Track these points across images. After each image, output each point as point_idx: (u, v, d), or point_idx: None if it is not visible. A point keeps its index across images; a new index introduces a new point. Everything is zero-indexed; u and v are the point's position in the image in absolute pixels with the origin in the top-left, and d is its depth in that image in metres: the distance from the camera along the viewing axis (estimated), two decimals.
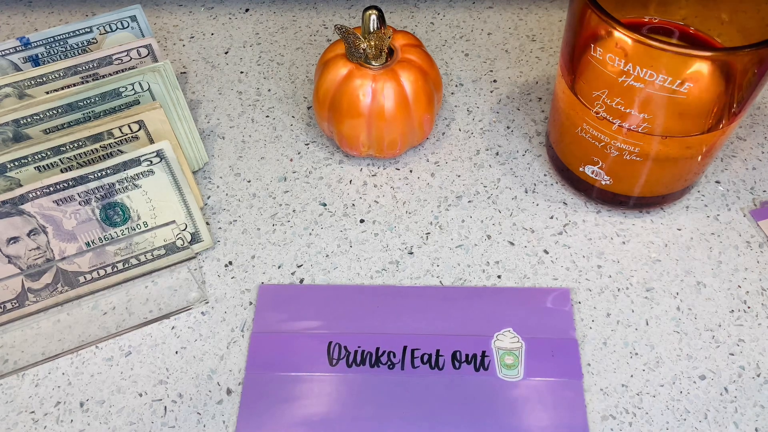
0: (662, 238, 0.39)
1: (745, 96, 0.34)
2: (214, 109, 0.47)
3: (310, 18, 0.54)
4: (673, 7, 0.39)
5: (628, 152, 0.36)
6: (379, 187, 0.43)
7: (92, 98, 0.39)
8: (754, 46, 0.30)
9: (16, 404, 0.34)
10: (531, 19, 0.53)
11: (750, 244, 0.39)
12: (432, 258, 0.39)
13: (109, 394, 0.35)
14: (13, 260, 0.36)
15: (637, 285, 0.38)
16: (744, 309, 0.37)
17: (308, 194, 0.42)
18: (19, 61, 0.42)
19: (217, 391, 0.34)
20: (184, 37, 0.52)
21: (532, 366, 0.34)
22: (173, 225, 0.37)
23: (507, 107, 0.47)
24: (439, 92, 0.43)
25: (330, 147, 0.45)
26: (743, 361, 0.35)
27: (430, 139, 0.45)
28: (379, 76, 0.39)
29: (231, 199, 0.42)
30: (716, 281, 0.38)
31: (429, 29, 0.52)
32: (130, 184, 0.37)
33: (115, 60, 0.41)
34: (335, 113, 0.41)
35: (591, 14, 0.32)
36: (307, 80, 0.49)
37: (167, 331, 0.37)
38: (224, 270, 0.39)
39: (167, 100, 0.40)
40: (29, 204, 0.36)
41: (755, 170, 0.43)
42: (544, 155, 0.44)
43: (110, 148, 0.38)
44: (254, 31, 0.53)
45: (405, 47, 0.41)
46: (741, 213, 0.41)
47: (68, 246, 0.37)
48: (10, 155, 0.36)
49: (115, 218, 0.37)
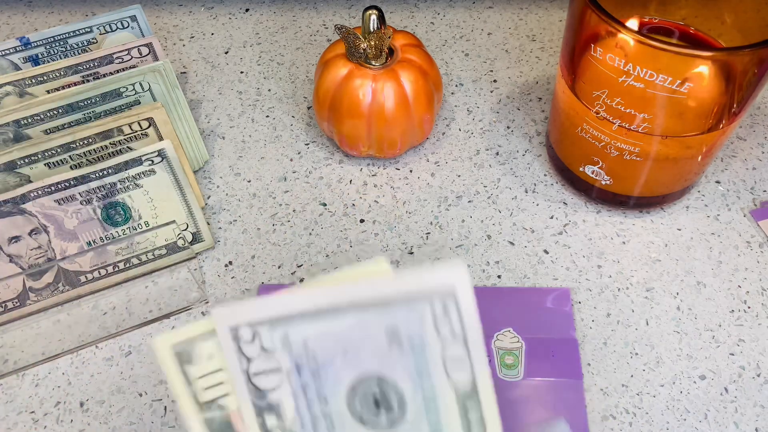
0: (662, 238, 0.39)
1: (745, 96, 0.34)
2: (214, 109, 0.47)
3: (310, 18, 0.54)
4: (673, 7, 0.39)
5: (628, 152, 0.36)
6: (379, 187, 0.43)
7: (93, 98, 0.39)
8: (754, 46, 0.30)
9: (16, 404, 0.34)
10: (531, 19, 0.53)
11: (750, 244, 0.39)
12: (432, 258, 0.39)
13: (109, 394, 0.35)
14: (15, 259, 0.36)
15: (637, 285, 0.38)
16: (744, 309, 0.37)
17: (308, 194, 0.42)
18: (19, 61, 0.42)
19: None
20: (184, 37, 0.52)
21: (532, 366, 0.34)
22: (174, 225, 0.37)
23: (507, 107, 0.47)
24: (439, 92, 0.43)
25: (330, 147, 0.45)
26: (743, 361, 0.35)
27: (430, 139, 0.45)
28: (379, 76, 0.39)
29: (231, 199, 0.42)
30: (716, 281, 0.38)
31: (429, 29, 0.52)
32: (132, 184, 0.37)
33: (116, 59, 0.41)
34: (335, 113, 0.41)
35: (591, 14, 0.32)
36: (307, 80, 0.49)
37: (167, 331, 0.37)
38: (224, 270, 0.39)
39: (167, 100, 0.40)
40: (30, 203, 0.36)
41: (755, 170, 0.43)
42: (544, 155, 0.44)
43: (119, 145, 0.38)
44: (254, 31, 0.53)
45: (405, 47, 0.41)
46: (741, 213, 0.41)
47: (69, 245, 0.37)
48: (20, 152, 0.37)
49: (117, 218, 0.37)
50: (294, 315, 0.18)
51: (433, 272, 0.17)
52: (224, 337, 0.18)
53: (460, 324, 0.18)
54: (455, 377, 0.18)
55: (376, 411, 0.18)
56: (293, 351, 0.18)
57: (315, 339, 0.18)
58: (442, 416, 0.18)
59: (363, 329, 0.18)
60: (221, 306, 0.17)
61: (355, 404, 0.18)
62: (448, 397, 0.18)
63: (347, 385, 0.18)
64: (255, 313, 0.18)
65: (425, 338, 0.18)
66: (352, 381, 0.18)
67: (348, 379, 0.18)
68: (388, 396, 0.18)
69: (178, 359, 0.21)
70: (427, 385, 0.18)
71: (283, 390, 0.18)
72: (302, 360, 0.18)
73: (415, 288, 0.17)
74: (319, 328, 0.18)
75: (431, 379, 0.18)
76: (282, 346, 0.18)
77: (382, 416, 0.18)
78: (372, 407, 0.18)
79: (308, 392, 0.18)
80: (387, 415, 0.18)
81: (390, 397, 0.18)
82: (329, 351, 0.18)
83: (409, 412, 0.18)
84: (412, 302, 0.18)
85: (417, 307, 0.18)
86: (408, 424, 0.18)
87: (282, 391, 0.18)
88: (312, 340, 0.18)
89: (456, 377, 0.18)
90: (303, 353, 0.18)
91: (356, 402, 0.18)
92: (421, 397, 0.18)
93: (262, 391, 0.18)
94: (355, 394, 0.18)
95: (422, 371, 0.18)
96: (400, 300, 0.17)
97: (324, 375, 0.18)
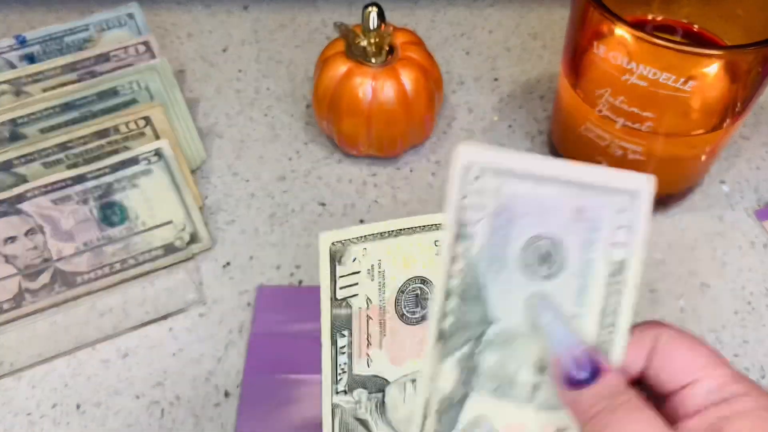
0: (666, 239, 0.39)
1: (749, 94, 0.33)
2: (212, 107, 0.47)
3: (310, 15, 0.53)
4: (676, 5, 0.39)
5: (632, 151, 0.35)
6: (379, 186, 0.42)
7: (89, 97, 0.39)
8: (759, 44, 0.30)
9: (12, 406, 0.34)
10: (533, 17, 0.52)
11: (754, 244, 0.39)
12: None
13: (105, 396, 0.34)
14: (11, 260, 0.36)
15: (641, 286, 0.37)
16: (748, 310, 0.36)
17: (307, 194, 0.42)
18: (15, 59, 0.42)
19: (215, 394, 0.34)
20: (182, 35, 0.52)
21: None
22: (171, 225, 0.37)
23: (509, 106, 0.46)
24: (440, 91, 0.42)
25: (329, 146, 0.44)
26: (747, 362, 0.34)
27: (431, 138, 0.45)
28: (380, 74, 0.39)
29: (229, 199, 0.42)
30: (720, 282, 0.37)
31: (430, 27, 0.52)
32: (129, 184, 0.37)
33: (113, 57, 0.41)
34: (335, 112, 0.40)
35: (593, 12, 0.32)
36: (306, 78, 0.49)
37: (164, 333, 0.36)
38: (222, 271, 0.39)
39: (165, 99, 0.40)
40: (27, 203, 0.35)
41: (759, 170, 0.42)
42: (547, 154, 0.43)
43: (116, 145, 0.38)
44: (253, 29, 0.52)
45: (405, 45, 0.41)
46: (745, 213, 0.40)
47: (66, 246, 0.36)
48: (16, 151, 0.36)
49: (113, 218, 0.37)
50: (516, 172, 0.22)
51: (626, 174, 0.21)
52: (456, 170, 0.22)
53: (632, 221, 0.22)
54: (614, 256, 0.22)
55: (540, 262, 0.22)
56: (501, 199, 0.22)
57: (522, 196, 0.22)
58: (590, 288, 0.22)
59: (560, 200, 0.22)
60: (469, 144, 0.21)
61: (527, 254, 0.22)
62: (600, 273, 0.22)
63: (527, 238, 0.22)
64: (490, 159, 0.22)
65: (602, 221, 0.22)
66: (532, 236, 0.22)
67: (530, 234, 0.22)
68: (554, 255, 0.22)
69: (332, 258, 0.26)
70: (588, 257, 0.22)
71: (480, 225, 0.22)
72: (505, 208, 0.22)
73: (610, 181, 0.22)
74: (528, 188, 0.22)
75: (594, 253, 0.22)
76: (494, 192, 0.22)
77: (543, 268, 0.22)
78: (538, 259, 0.22)
79: (497, 234, 0.22)
80: (548, 268, 0.22)
81: (555, 257, 0.22)
82: (527, 208, 0.22)
83: (565, 273, 0.22)
84: (604, 191, 0.22)
85: (606, 195, 0.22)
86: (561, 281, 0.22)
87: (480, 226, 0.22)
88: (519, 197, 0.22)
89: (614, 256, 0.22)
90: (507, 203, 0.22)
91: (528, 252, 0.22)
92: (578, 265, 0.22)
93: (464, 223, 0.22)
94: (529, 246, 0.22)
95: (589, 245, 0.22)
96: (597, 188, 0.22)
97: (515, 224, 0.22)
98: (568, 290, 0.22)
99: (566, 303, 0.22)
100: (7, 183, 0.37)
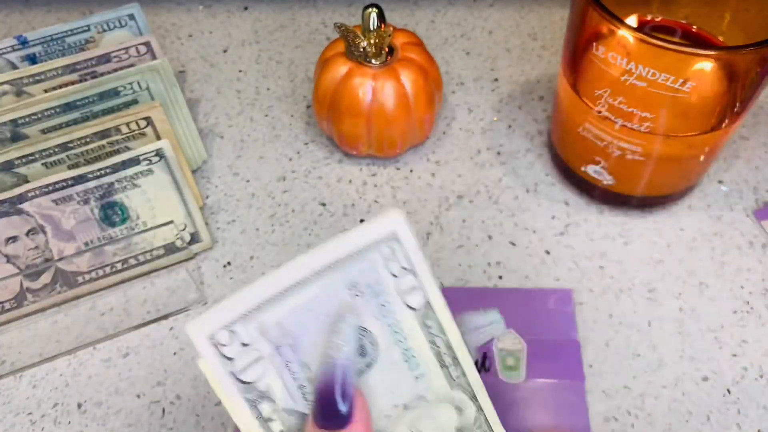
0: (665, 239, 0.39)
1: (747, 95, 0.33)
2: (212, 108, 0.47)
3: (310, 16, 0.53)
4: (675, 6, 0.39)
5: (631, 152, 0.36)
6: (379, 186, 0.42)
7: (90, 98, 0.39)
8: (757, 45, 0.30)
9: (13, 406, 0.34)
10: (532, 17, 0.52)
11: (753, 244, 0.39)
12: (433, 258, 0.39)
13: (107, 396, 0.34)
14: (12, 260, 0.36)
15: (640, 286, 0.37)
16: (747, 310, 0.36)
17: (307, 194, 0.42)
18: (16, 59, 0.42)
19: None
20: (183, 36, 0.52)
21: (533, 367, 0.34)
22: (172, 225, 0.37)
23: (508, 106, 0.47)
24: (440, 91, 0.42)
25: (329, 146, 0.45)
26: (746, 362, 0.34)
27: (431, 139, 0.45)
28: (380, 75, 0.39)
29: (229, 199, 0.42)
30: (719, 282, 0.37)
31: (429, 27, 0.52)
32: (129, 184, 0.37)
33: (114, 58, 0.41)
34: (335, 112, 0.40)
35: (593, 12, 0.32)
36: (307, 79, 0.49)
37: (165, 333, 0.36)
38: (223, 270, 0.39)
39: (165, 99, 0.40)
40: (28, 203, 0.35)
41: (758, 170, 0.42)
42: (546, 155, 0.44)
43: (117, 145, 0.38)
44: (253, 30, 0.52)
45: (405, 45, 0.41)
46: (744, 213, 0.40)
47: (67, 246, 0.37)
48: (17, 152, 0.37)
49: (114, 218, 0.37)
50: (262, 302, 0.19)
51: (374, 223, 0.20)
52: (204, 349, 0.19)
53: (406, 259, 0.21)
54: (411, 302, 0.21)
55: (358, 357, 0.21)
56: (270, 335, 0.19)
57: (287, 316, 0.20)
58: (409, 340, 0.21)
59: (327, 292, 0.20)
60: (192, 321, 0.19)
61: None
62: (410, 322, 0.21)
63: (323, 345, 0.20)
64: (226, 315, 0.19)
65: (381, 280, 0.21)
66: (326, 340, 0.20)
67: (323, 340, 0.20)
68: (361, 342, 0.21)
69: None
70: (391, 320, 0.21)
71: (268, 375, 0.20)
72: (280, 340, 0.20)
73: (363, 241, 0.20)
74: (288, 305, 0.19)
75: (394, 313, 0.21)
76: (259, 335, 0.19)
77: (359, 362, 0.21)
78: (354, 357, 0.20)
79: (291, 367, 0.20)
80: (363, 360, 0.21)
81: (363, 343, 0.21)
82: (302, 322, 0.20)
83: (381, 349, 0.21)
84: (363, 254, 0.20)
85: (368, 257, 0.20)
86: (382, 358, 0.21)
87: (268, 376, 0.20)
88: (285, 319, 0.20)
89: (412, 302, 0.21)
90: (279, 334, 0.20)
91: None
92: (388, 332, 0.21)
93: (250, 384, 0.20)
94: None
95: (384, 309, 0.21)
96: (353, 256, 0.20)
97: (302, 345, 0.20)
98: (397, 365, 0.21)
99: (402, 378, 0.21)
100: (8, 183, 0.37)
